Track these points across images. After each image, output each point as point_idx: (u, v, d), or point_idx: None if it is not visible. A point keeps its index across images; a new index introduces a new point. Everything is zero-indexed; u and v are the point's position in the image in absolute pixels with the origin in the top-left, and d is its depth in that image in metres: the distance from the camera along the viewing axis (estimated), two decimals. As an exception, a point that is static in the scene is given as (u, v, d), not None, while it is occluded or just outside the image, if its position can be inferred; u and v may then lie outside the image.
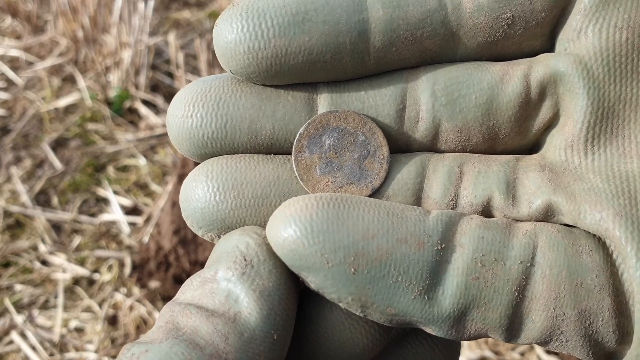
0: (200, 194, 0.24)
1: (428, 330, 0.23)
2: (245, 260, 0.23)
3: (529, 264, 0.22)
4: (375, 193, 0.25)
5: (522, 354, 1.16)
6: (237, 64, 0.24)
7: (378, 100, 0.25)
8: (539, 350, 1.15)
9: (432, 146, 0.25)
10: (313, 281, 0.23)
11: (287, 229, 0.22)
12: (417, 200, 0.25)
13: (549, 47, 0.25)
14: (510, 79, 0.24)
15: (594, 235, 0.23)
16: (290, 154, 0.25)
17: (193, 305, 0.22)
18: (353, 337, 0.24)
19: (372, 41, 0.24)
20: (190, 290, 0.23)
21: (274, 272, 0.23)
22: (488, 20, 0.24)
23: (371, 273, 0.22)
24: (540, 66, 0.24)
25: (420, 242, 0.22)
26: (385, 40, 0.24)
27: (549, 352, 1.15)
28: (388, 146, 0.25)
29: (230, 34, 0.23)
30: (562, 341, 0.23)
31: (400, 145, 0.26)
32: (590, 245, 0.23)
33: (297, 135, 0.25)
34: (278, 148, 0.25)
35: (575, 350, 0.23)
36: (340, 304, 0.23)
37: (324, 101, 0.25)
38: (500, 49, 0.25)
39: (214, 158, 0.25)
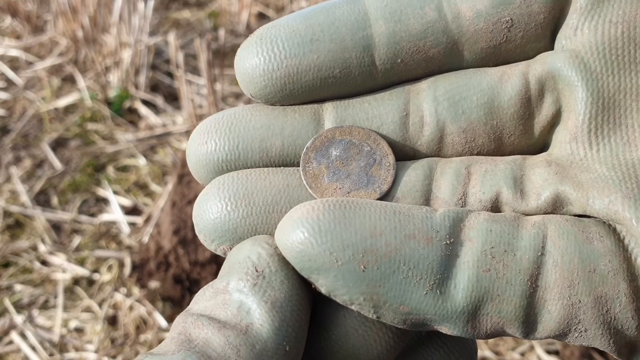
0: (211, 206, 0.25)
1: (443, 329, 0.23)
2: (256, 271, 0.23)
3: (539, 254, 0.22)
4: (384, 197, 0.25)
5: (522, 354, 1.16)
6: (255, 87, 0.25)
7: (382, 110, 0.26)
8: (539, 350, 1.15)
9: (439, 151, 0.26)
10: (324, 284, 0.23)
11: (295, 232, 0.23)
12: (426, 202, 0.25)
13: (552, 49, 0.26)
14: (509, 78, 0.25)
15: (604, 222, 0.23)
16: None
17: (205, 316, 0.22)
18: (367, 343, 0.24)
19: (377, 54, 0.25)
20: (203, 300, 0.23)
21: (286, 283, 0.23)
22: (488, 26, 0.25)
23: (381, 269, 0.22)
24: (537, 64, 0.25)
25: (428, 238, 0.22)
26: (390, 52, 0.25)
27: (549, 352, 1.15)
28: (393, 155, 0.26)
29: (248, 61, 0.25)
30: (581, 331, 0.22)
31: (407, 153, 0.26)
32: (601, 232, 0.23)
33: (305, 148, 0.26)
34: (288, 164, 0.26)
35: (595, 340, 0.23)
36: (352, 306, 0.23)
37: (329, 115, 0.26)
38: (505, 54, 0.26)
39: (225, 174, 0.26)
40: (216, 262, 1.21)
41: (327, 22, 0.25)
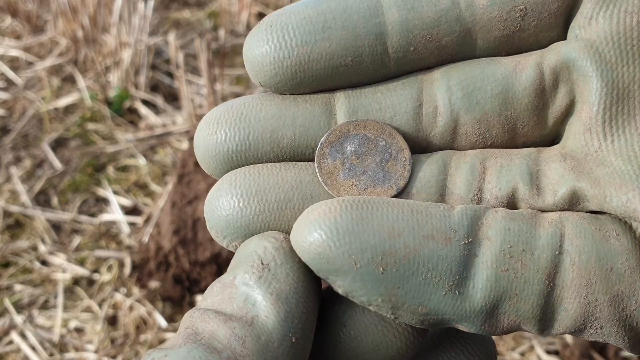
0: (224, 202, 0.25)
1: (461, 327, 0.23)
2: (262, 264, 0.23)
3: (557, 252, 0.22)
4: (400, 193, 0.25)
5: (522, 354, 1.16)
6: (265, 75, 0.25)
7: (395, 100, 0.25)
8: (539, 350, 1.15)
9: (452, 142, 0.26)
10: (341, 285, 0.23)
11: (312, 234, 0.22)
12: (441, 197, 0.25)
13: (565, 39, 0.25)
14: (524, 68, 0.25)
15: (620, 219, 0.23)
16: (312, 160, 0.26)
17: (212, 310, 0.22)
18: (386, 340, 0.24)
19: (390, 42, 0.25)
20: (211, 296, 0.23)
21: (291, 275, 0.23)
22: (502, 14, 0.25)
23: (400, 271, 0.22)
24: (552, 54, 0.25)
25: (447, 238, 0.22)
26: (403, 40, 0.25)
27: (549, 352, 1.15)
28: (409, 149, 0.25)
29: (257, 48, 0.25)
30: (597, 328, 0.23)
31: (421, 143, 0.26)
32: (618, 230, 0.23)
33: (319, 144, 0.25)
34: (300, 155, 0.26)
35: (610, 337, 0.23)
36: (370, 307, 0.23)
37: (341, 106, 0.26)
38: (518, 42, 0.25)
39: (237, 169, 0.25)
40: (216, 262, 1.21)
41: (339, 9, 0.25)
